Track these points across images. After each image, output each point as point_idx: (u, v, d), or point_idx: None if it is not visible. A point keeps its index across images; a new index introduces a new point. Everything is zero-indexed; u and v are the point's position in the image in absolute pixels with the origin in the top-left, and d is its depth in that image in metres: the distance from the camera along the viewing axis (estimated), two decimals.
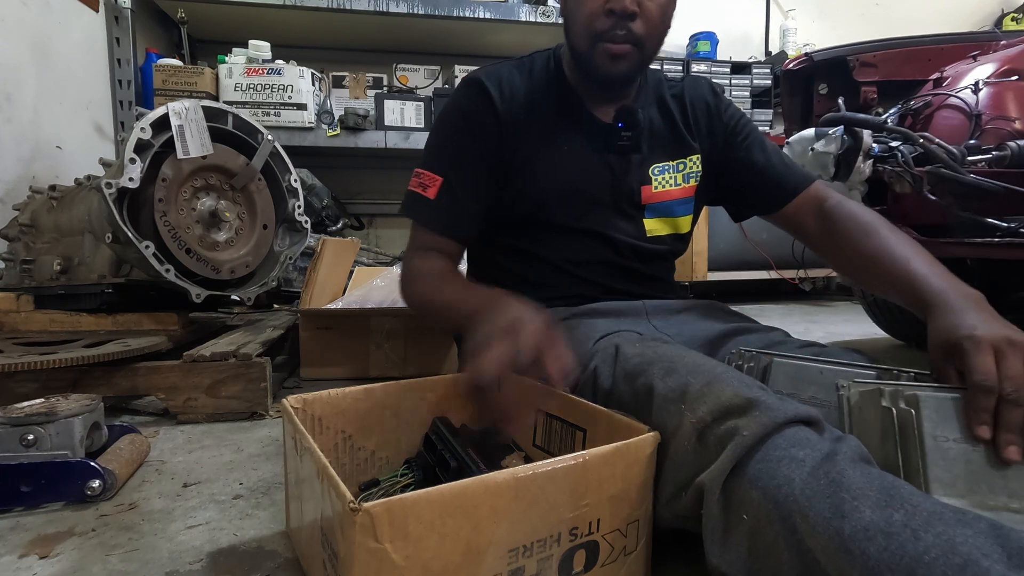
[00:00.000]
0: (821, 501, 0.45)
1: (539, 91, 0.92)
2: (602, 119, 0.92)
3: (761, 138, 0.98)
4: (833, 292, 3.46)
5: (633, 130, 0.91)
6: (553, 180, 0.90)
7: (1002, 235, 1.05)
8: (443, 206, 0.89)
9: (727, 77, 3.08)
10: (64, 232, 1.41)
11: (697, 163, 0.96)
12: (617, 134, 0.91)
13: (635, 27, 0.82)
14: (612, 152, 0.92)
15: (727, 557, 0.50)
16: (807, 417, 0.52)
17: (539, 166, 0.90)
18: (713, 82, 1.02)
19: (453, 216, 0.90)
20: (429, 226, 0.90)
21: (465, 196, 0.89)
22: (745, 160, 0.95)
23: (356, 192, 2.96)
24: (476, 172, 0.90)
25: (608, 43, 0.83)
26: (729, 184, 0.98)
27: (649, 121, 0.95)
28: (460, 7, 2.49)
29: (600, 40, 0.83)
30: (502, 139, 0.89)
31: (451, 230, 0.90)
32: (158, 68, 2.26)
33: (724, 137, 0.97)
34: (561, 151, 0.91)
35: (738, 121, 0.97)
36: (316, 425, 0.69)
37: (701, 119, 0.97)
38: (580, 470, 0.53)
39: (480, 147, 0.89)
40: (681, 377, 0.60)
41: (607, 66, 0.85)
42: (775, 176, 0.94)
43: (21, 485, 0.76)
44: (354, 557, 0.44)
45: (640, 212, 0.94)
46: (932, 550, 0.40)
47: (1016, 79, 1.10)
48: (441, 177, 0.89)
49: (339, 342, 1.45)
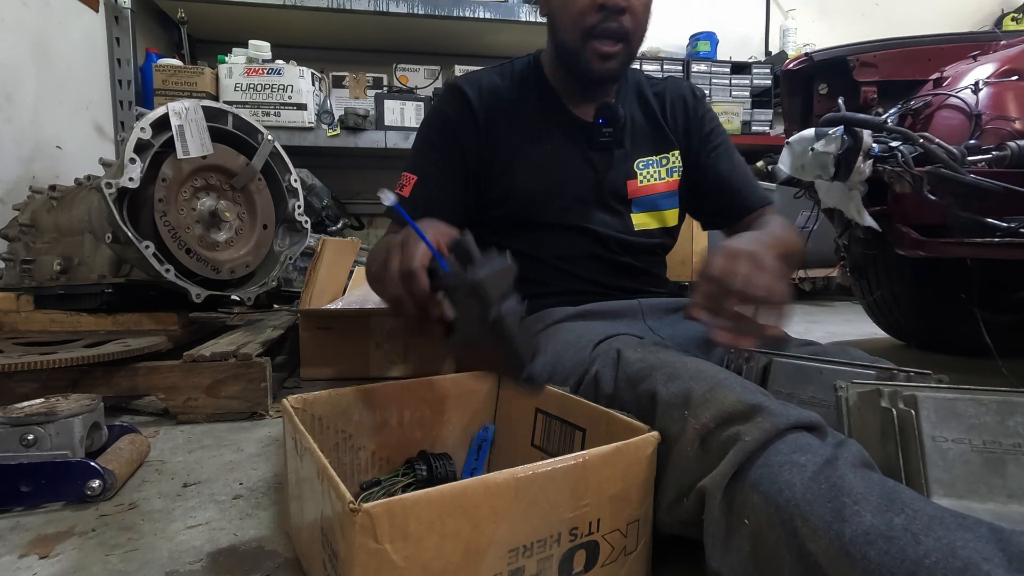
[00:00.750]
0: (822, 505, 0.45)
1: (519, 93, 0.95)
2: (583, 118, 0.95)
3: (731, 150, 1.01)
4: (833, 292, 3.46)
5: (614, 126, 0.94)
6: (537, 178, 0.92)
7: (1002, 235, 1.05)
8: (415, 202, 0.91)
9: (727, 77, 3.07)
10: (64, 232, 1.41)
11: (678, 158, 0.99)
12: (599, 131, 0.94)
13: (624, 21, 0.84)
14: (594, 149, 0.95)
15: (728, 561, 0.50)
16: (809, 423, 0.53)
17: (522, 165, 0.92)
18: (696, 87, 1.05)
19: (424, 210, 0.89)
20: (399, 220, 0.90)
21: (438, 193, 0.92)
22: (713, 168, 0.98)
23: (356, 192, 2.96)
24: (451, 171, 0.92)
25: (599, 41, 0.85)
26: (695, 190, 1.01)
27: (631, 117, 0.97)
28: (460, 7, 2.50)
29: (591, 37, 0.85)
30: (482, 140, 0.92)
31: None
32: (158, 68, 2.26)
33: (699, 140, 1.00)
34: (544, 150, 0.93)
35: (713, 128, 1.01)
36: (316, 425, 0.69)
37: (679, 117, 1.00)
38: (580, 470, 0.53)
39: (456, 148, 0.92)
40: (684, 383, 0.60)
41: (597, 64, 0.87)
42: (736, 189, 0.98)
43: (21, 485, 0.76)
44: (354, 557, 0.44)
45: (627, 207, 0.97)
46: (933, 554, 0.40)
47: (1016, 79, 1.10)
48: (416, 176, 0.92)
49: (339, 342, 1.45)
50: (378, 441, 0.75)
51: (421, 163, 0.93)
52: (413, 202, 0.91)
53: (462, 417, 0.80)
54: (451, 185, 0.93)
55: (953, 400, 0.55)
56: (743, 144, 2.92)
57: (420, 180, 0.92)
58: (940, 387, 0.57)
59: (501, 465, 0.78)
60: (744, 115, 3.00)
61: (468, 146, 0.92)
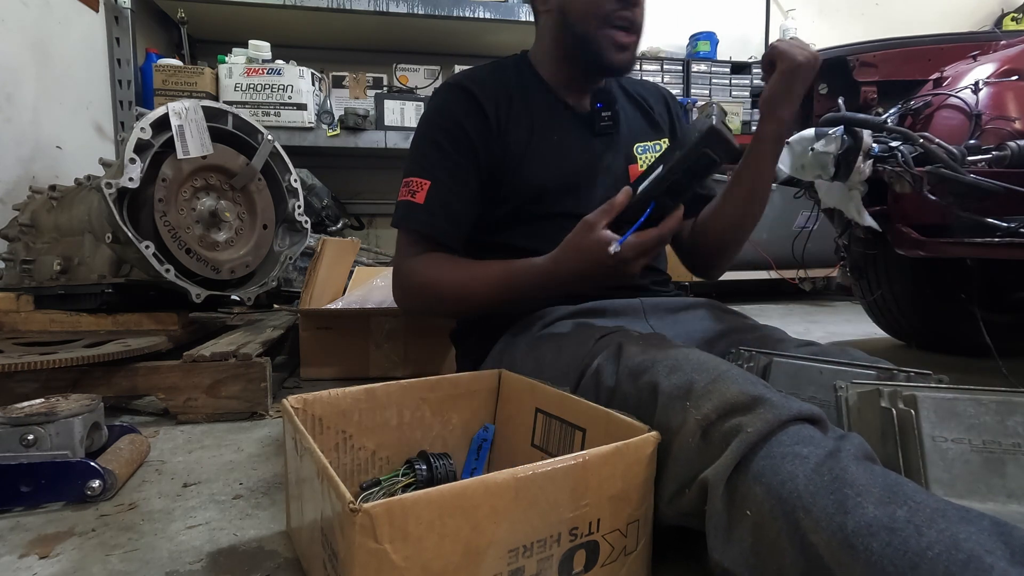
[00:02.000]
0: (825, 497, 0.45)
1: (518, 90, 0.95)
2: (579, 109, 0.97)
3: None
4: (833, 292, 3.46)
5: (611, 109, 0.97)
6: (546, 170, 0.93)
7: (1002, 235, 1.05)
8: (434, 208, 0.89)
9: (727, 77, 3.07)
10: (64, 232, 1.41)
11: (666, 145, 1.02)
12: (598, 117, 0.96)
13: (637, 13, 0.86)
14: (597, 136, 0.97)
15: (730, 553, 0.50)
16: (811, 415, 0.53)
17: (533, 158, 0.92)
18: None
19: (444, 217, 0.90)
20: (422, 229, 0.90)
21: (454, 198, 0.90)
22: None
23: (356, 192, 2.96)
24: (466, 175, 0.91)
25: (616, 30, 0.86)
26: None
27: (623, 107, 1.00)
28: (460, 7, 2.50)
29: (608, 24, 0.86)
30: (494, 139, 0.91)
31: (443, 231, 0.90)
32: (158, 68, 2.26)
33: (671, 137, 1.04)
34: (551, 141, 0.94)
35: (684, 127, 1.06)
36: (316, 425, 0.69)
37: (663, 113, 1.04)
38: (580, 470, 0.53)
39: (470, 151, 0.90)
40: (686, 375, 0.60)
41: (614, 55, 0.88)
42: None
43: (21, 485, 0.76)
44: (354, 557, 0.44)
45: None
46: (935, 546, 0.40)
47: (1016, 79, 1.10)
48: (429, 180, 0.89)
49: (339, 342, 1.45)
50: (378, 441, 0.75)
51: (432, 167, 0.90)
52: (430, 208, 0.88)
53: (462, 417, 0.80)
54: (467, 189, 0.91)
55: (953, 400, 0.55)
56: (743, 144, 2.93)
57: (434, 185, 0.89)
58: (940, 387, 0.57)
59: (501, 465, 0.78)
60: (744, 115, 3.00)
61: (481, 147, 0.90)
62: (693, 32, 3.23)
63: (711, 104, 2.46)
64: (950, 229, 1.13)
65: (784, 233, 2.69)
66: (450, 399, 0.79)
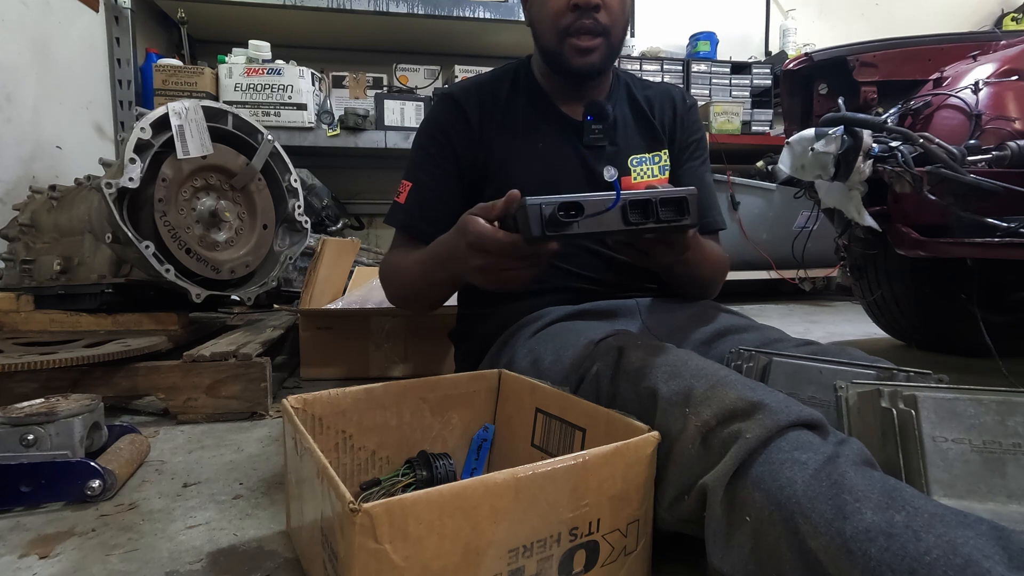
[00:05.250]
0: (823, 503, 0.45)
1: (510, 95, 0.98)
2: (572, 116, 0.97)
3: (704, 170, 1.05)
4: (833, 292, 3.46)
5: (603, 122, 0.96)
6: (531, 175, 0.94)
7: (1002, 235, 1.05)
8: (411, 207, 0.95)
9: (727, 77, 3.07)
10: (64, 232, 1.41)
11: (667, 157, 1.02)
12: (588, 128, 0.96)
13: (600, 18, 0.87)
14: (586, 146, 0.97)
15: (729, 559, 0.51)
16: (810, 420, 0.53)
17: (517, 163, 0.95)
18: (688, 94, 1.08)
19: (418, 216, 0.95)
20: (400, 227, 0.97)
21: (431, 197, 0.95)
22: (680, 180, 1.01)
23: (356, 192, 2.96)
24: (445, 176, 0.95)
25: (576, 37, 0.87)
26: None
27: (622, 116, 1.00)
28: (460, 7, 2.50)
29: (568, 35, 0.88)
30: (475, 143, 0.95)
31: (416, 228, 0.95)
32: (158, 68, 2.26)
33: (680, 146, 1.03)
34: (536, 148, 0.95)
35: (696, 141, 1.04)
36: (316, 425, 0.69)
37: (667, 117, 1.03)
38: (580, 470, 0.53)
39: (450, 154, 0.95)
40: (685, 380, 0.60)
41: (577, 59, 0.89)
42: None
43: (21, 485, 0.76)
44: (354, 557, 0.44)
45: None
46: (933, 551, 0.40)
47: (1016, 79, 1.10)
48: (411, 182, 0.96)
49: (339, 342, 1.45)
50: (378, 441, 0.75)
51: (415, 170, 0.97)
52: (408, 208, 0.95)
53: (462, 417, 0.80)
54: (445, 190, 0.95)
55: (953, 400, 0.55)
56: (743, 144, 2.93)
57: (415, 187, 0.96)
58: (940, 387, 0.57)
59: (501, 465, 0.78)
60: (744, 115, 3.00)
61: (462, 150, 0.95)
62: (693, 32, 3.23)
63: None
64: (950, 229, 1.13)
65: (784, 233, 2.69)
66: (450, 399, 0.79)
